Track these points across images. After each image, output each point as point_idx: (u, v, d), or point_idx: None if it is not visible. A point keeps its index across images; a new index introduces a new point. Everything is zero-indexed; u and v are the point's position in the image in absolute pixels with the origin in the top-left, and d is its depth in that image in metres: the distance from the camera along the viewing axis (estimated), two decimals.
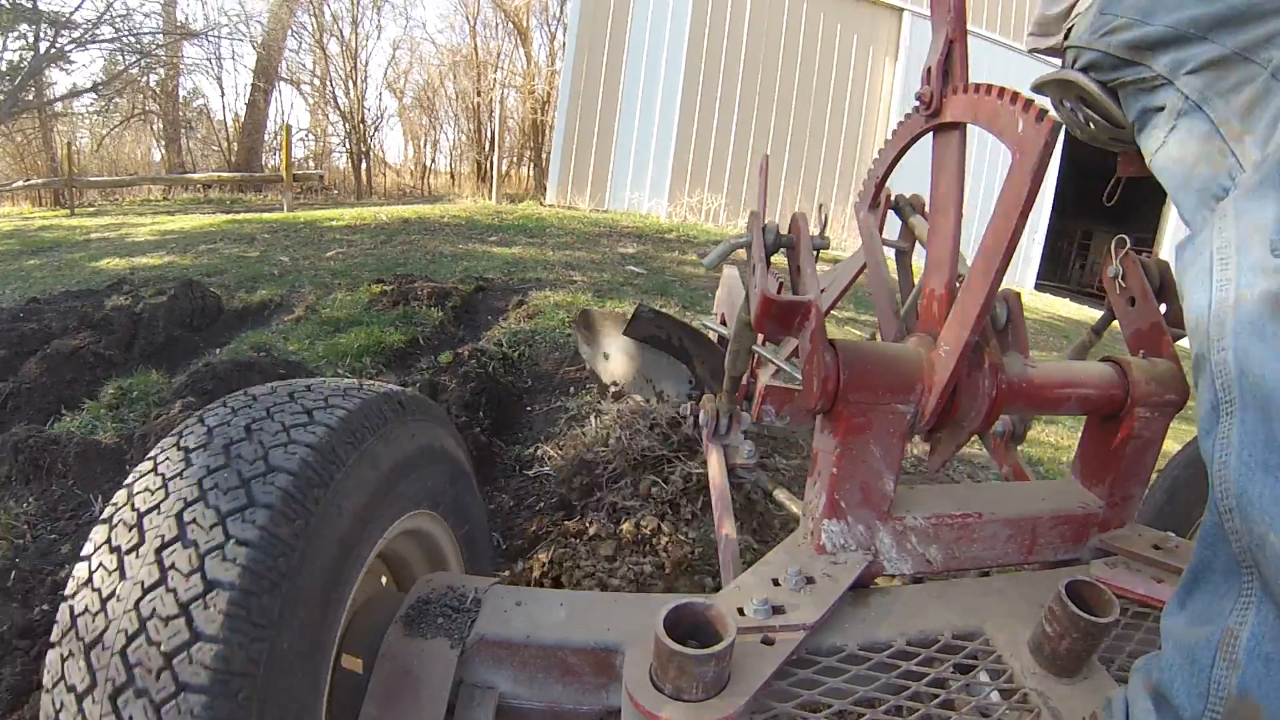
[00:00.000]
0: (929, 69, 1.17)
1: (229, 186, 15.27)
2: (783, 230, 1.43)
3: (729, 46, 12.40)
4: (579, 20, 12.00)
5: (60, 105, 17.22)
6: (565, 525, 2.25)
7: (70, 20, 15.09)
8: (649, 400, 2.89)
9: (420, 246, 7.19)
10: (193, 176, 15.73)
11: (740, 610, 0.98)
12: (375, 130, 21.90)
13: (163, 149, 19.61)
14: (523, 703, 0.98)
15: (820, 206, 2.03)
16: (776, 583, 1.05)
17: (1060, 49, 1.25)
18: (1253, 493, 0.73)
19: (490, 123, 21.02)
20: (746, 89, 12.59)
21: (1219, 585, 0.80)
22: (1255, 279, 0.77)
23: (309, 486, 0.82)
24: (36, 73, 15.19)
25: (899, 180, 1.61)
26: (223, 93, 36.00)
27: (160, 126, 19.42)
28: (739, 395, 2.02)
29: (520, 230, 8.33)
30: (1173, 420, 1.26)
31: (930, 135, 1.23)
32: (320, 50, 20.32)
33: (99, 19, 15.52)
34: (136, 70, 17.49)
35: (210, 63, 21.27)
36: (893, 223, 1.86)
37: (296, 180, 13.26)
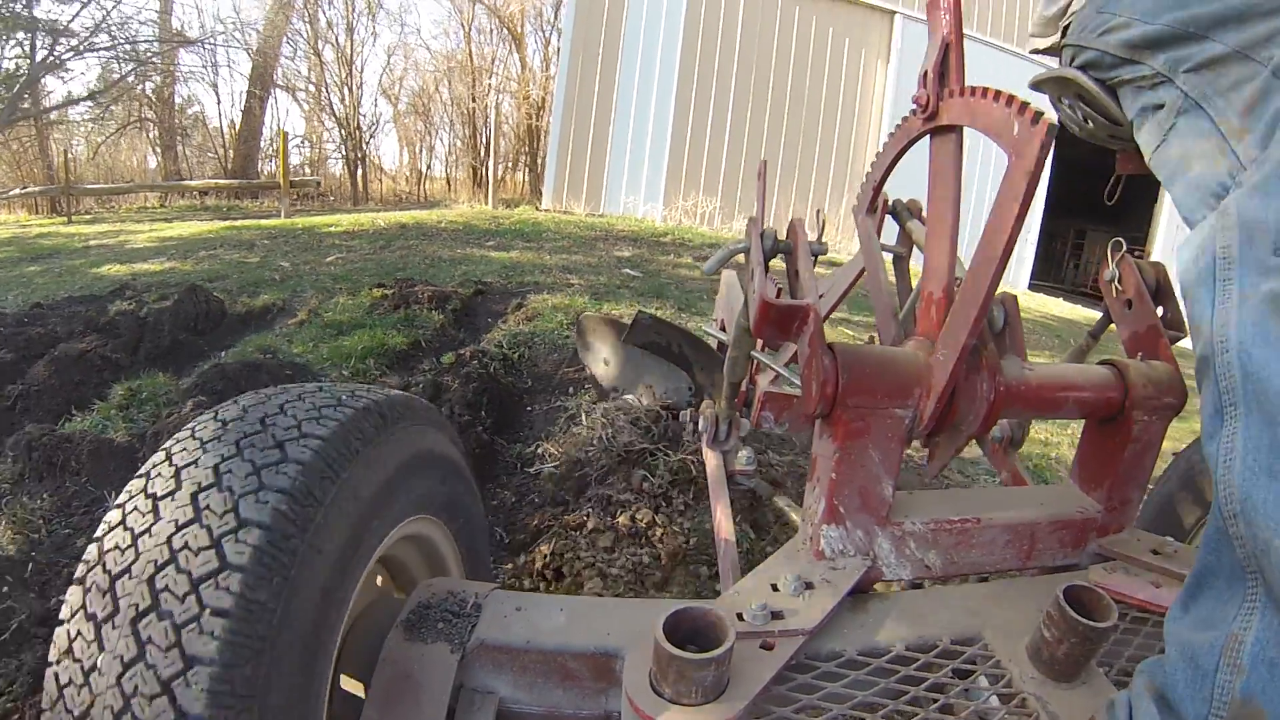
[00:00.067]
0: (925, 72, 1.17)
1: (225, 194, 15.26)
2: (780, 236, 1.43)
3: (722, 50, 12.45)
4: (573, 25, 12.05)
5: (56, 113, 17.21)
6: (565, 519, 2.30)
7: (68, 29, 15.13)
8: (641, 401, 2.92)
9: (419, 251, 7.20)
10: (190, 184, 15.73)
11: (739, 615, 0.97)
12: (371, 137, 21.95)
13: (159, 156, 19.65)
14: (523, 707, 0.98)
15: (818, 212, 2.03)
16: (775, 588, 1.05)
17: (1059, 48, 1.25)
18: (1257, 498, 0.72)
19: (485, 128, 21.08)
20: (740, 93, 12.64)
21: (1223, 590, 0.80)
22: (1259, 279, 0.77)
23: (310, 491, 0.82)
24: (35, 81, 15.21)
25: (897, 183, 1.62)
26: (219, 100, 36.02)
27: (156, 134, 19.45)
28: (738, 401, 2.02)
29: (517, 235, 8.36)
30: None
31: (927, 138, 1.23)
32: (316, 57, 20.39)
33: (97, 27, 15.56)
34: (133, 78, 17.51)
35: (206, 70, 21.36)
36: (890, 227, 1.86)
37: (293, 187, 13.25)
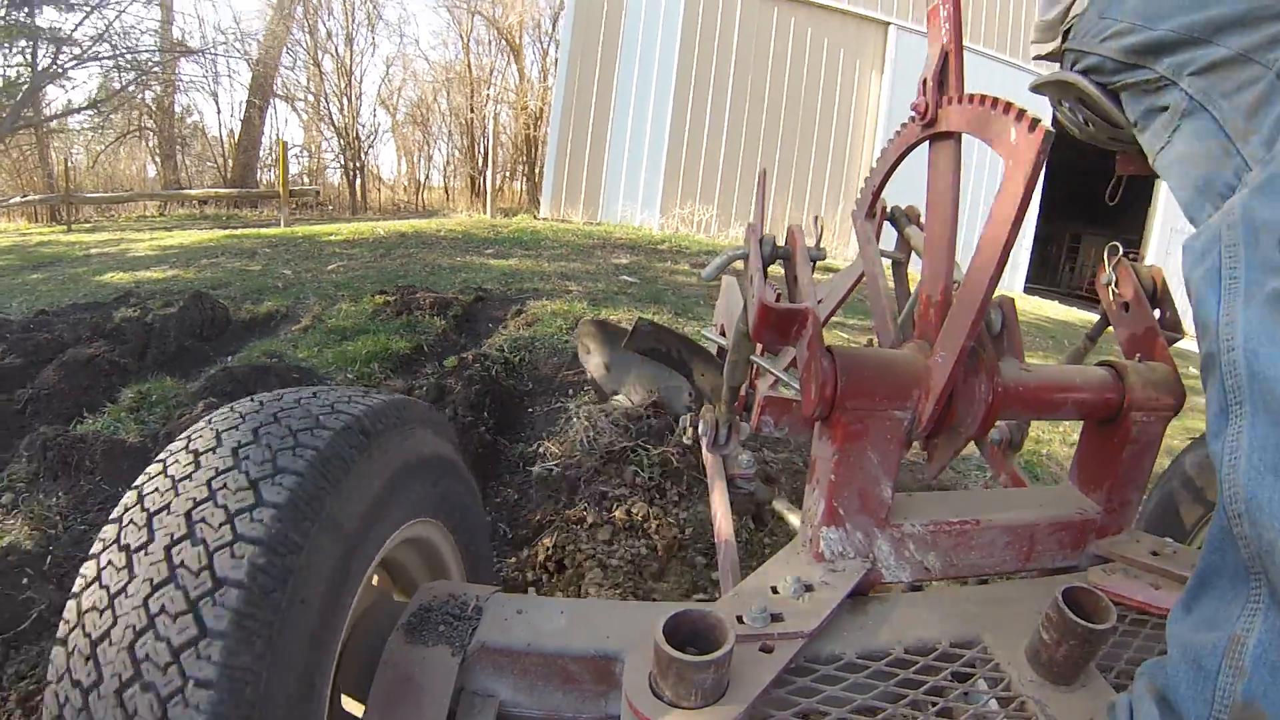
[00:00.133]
0: (925, 80, 1.18)
1: (225, 202, 15.30)
2: (779, 242, 1.44)
3: (718, 61, 12.54)
4: (571, 36, 12.16)
5: (56, 122, 17.27)
6: (566, 514, 2.37)
7: (70, 38, 15.18)
8: (632, 399, 3.00)
9: (419, 259, 7.25)
10: (190, 193, 15.78)
11: (739, 618, 0.98)
12: (370, 146, 22.01)
13: (158, 165, 19.68)
14: (523, 710, 0.98)
15: (816, 218, 2.04)
16: (775, 590, 1.05)
17: (1060, 53, 1.25)
18: (1262, 498, 0.72)
19: (484, 138, 21.14)
20: (736, 102, 12.72)
21: (1226, 591, 0.80)
22: (1265, 277, 0.76)
23: (308, 501, 0.82)
24: (37, 90, 15.25)
25: (896, 189, 1.62)
26: (218, 109, 36.26)
27: (155, 143, 19.49)
28: (737, 406, 2.02)
29: (516, 243, 8.41)
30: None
31: (926, 145, 1.24)
32: (315, 67, 20.45)
33: (99, 37, 15.61)
34: (134, 87, 17.56)
35: (207, 80, 21.44)
36: (889, 233, 1.86)
37: (293, 196, 13.29)
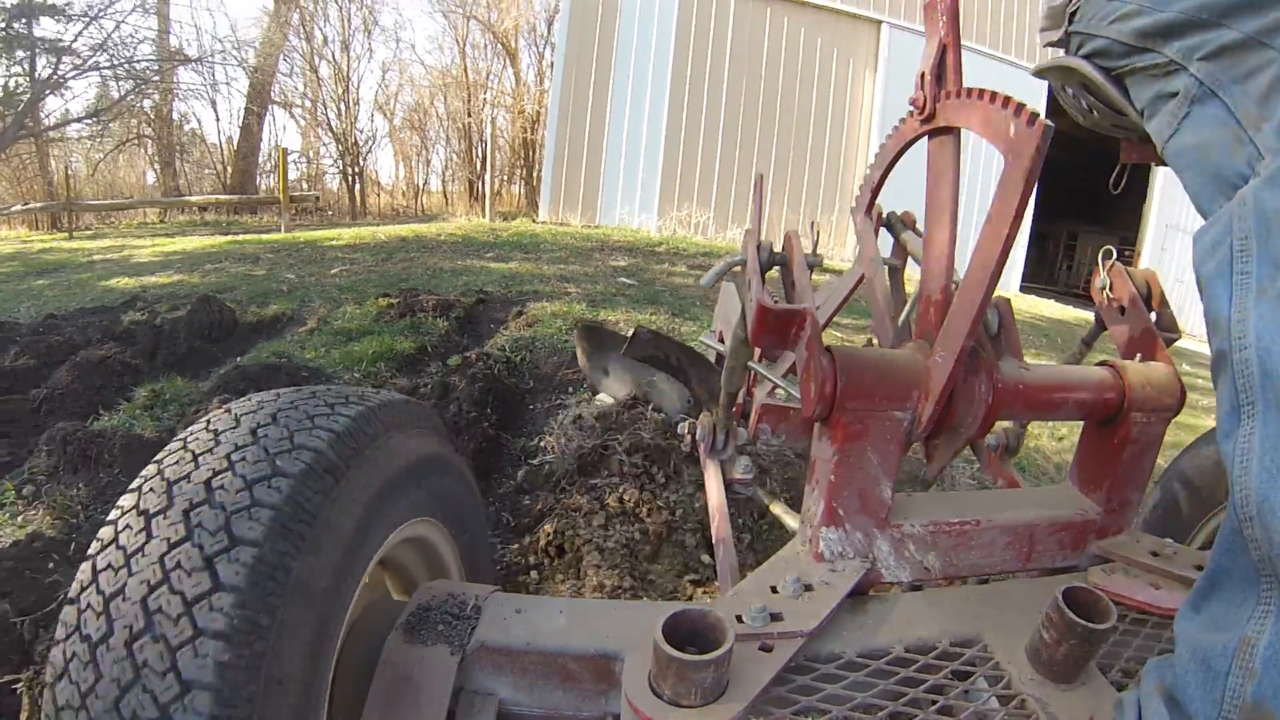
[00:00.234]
0: (923, 74, 1.18)
1: (224, 209, 15.31)
2: (776, 248, 1.44)
3: (713, 62, 12.57)
4: (567, 40, 12.19)
5: (56, 131, 17.30)
6: (565, 502, 2.45)
7: (70, 48, 15.21)
8: (618, 396, 3.08)
9: (420, 263, 7.29)
10: (191, 199, 15.78)
11: (739, 617, 0.97)
12: (368, 152, 22.05)
13: (158, 173, 19.72)
14: (523, 709, 0.98)
15: (813, 224, 2.04)
16: (775, 590, 1.05)
17: (1069, 35, 1.22)
18: (1274, 501, 0.71)
19: (481, 143, 21.17)
20: (731, 104, 12.75)
21: (1236, 593, 0.79)
22: (1278, 272, 0.75)
23: (303, 505, 0.82)
24: (38, 100, 15.28)
25: (895, 188, 1.62)
26: (217, 117, 36.16)
27: (155, 151, 19.52)
28: (735, 412, 2.02)
29: (515, 246, 8.44)
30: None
31: (925, 140, 1.24)
32: (313, 74, 20.48)
33: (100, 46, 15.66)
34: (133, 96, 17.61)
35: (205, 88, 21.49)
36: (884, 240, 1.86)
37: (293, 201, 13.30)
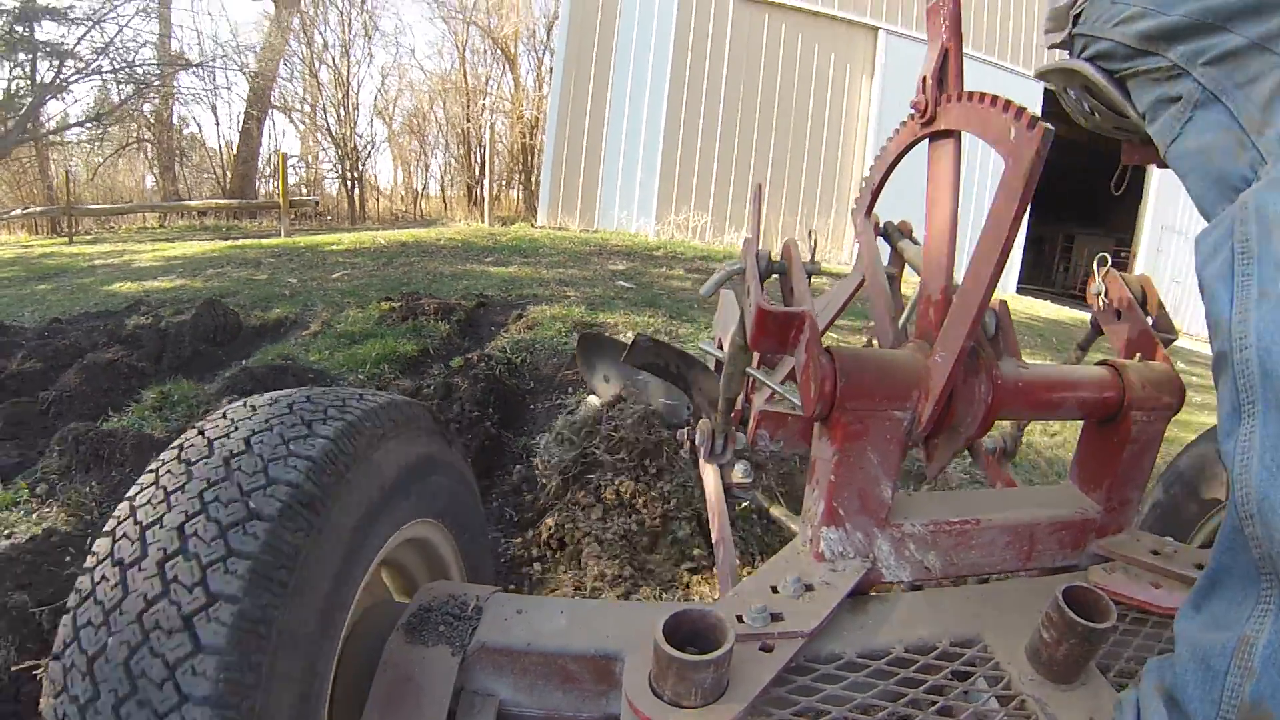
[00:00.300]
0: (924, 78, 1.18)
1: (224, 213, 15.33)
2: (775, 256, 1.45)
3: (711, 67, 12.62)
4: (566, 45, 12.24)
5: (57, 135, 17.33)
6: (564, 497, 2.52)
7: (73, 52, 15.25)
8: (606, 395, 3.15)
9: (420, 267, 7.34)
10: (191, 204, 15.81)
11: (739, 617, 0.97)
12: (368, 156, 22.07)
13: (157, 177, 19.74)
14: (523, 710, 0.98)
15: (810, 232, 2.05)
16: (775, 590, 1.05)
17: (1073, 38, 1.22)
18: (1275, 499, 0.71)
19: (480, 148, 21.20)
20: (729, 109, 12.79)
21: (1236, 592, 0.79)
22: (1279, 275, 0.75)
23: (308, 503, 0.82)
24: (41, 104, 15.31)
25: (895, 190, 1.62)
26: (217, 121, 36.30)
27: (154, 155, 19.54)
28: (734, 418, 2.03)
29: (514, 251, 8.48)
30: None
31: (926, 143, 1.24)
32: (313, 79, 20.51)
33: (103, 50, 15.69)
34: (134, 100, 17.64)
35: (206, 93, 21.55)
36: (882, 249, 1.86)
37: (293, 206, 13.33)
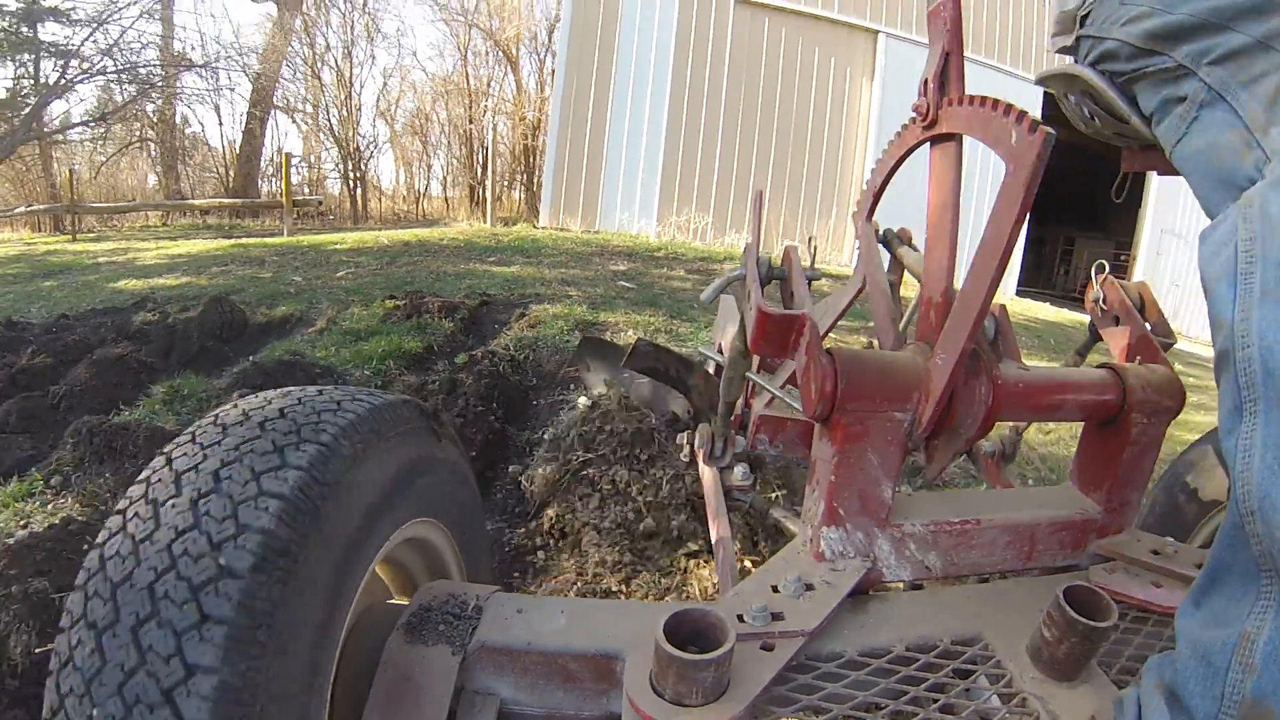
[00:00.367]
0: (925, 81, 1.18)
1: (227, 212, 15.35)
2: (775, 262, 1.45)
3: (712, 70, 12.64)
4: (568, 48, 12.26)
5: (62, 134, 17.37)
6: (563, 489, 2.62)
7: (77, 52, 15.28)
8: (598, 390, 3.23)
9: (424, 267, 7.36)
10: (194, 202, 15.83)
11: (740, 617, 0.98)
12: (370, 157, 22.09)
13: (159, 176, 19.77)
14: (524, 709, 0.98)
15: (810, 239, 2.06)
16: (776, 589, 1.05)
17: (1078, 42, 1.22)
18: (1275, 496, 0.71)
19: (482, 149, 21.19)
20: (730, 111, 12.81)
21: (1237, 588, 0.79)
22: None
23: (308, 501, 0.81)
24: (46, 104, 15.34)
25: (896, 193, 1.63)
26: (220, 121, 36.33)
27: (157, 154, 19.57)
28: (734, 421, 2.04)
29: (516, 251, 8.51)
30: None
31: (927, 147, 1.24)
32: (315, 79, 20.52)
33: (107, 50, 15.72)
34: (137, 101, 17.67)
35: (209, 93, 21.57)
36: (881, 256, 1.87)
37: (296, 206, 13.35)
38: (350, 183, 20.60)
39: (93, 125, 17.47)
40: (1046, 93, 1.33)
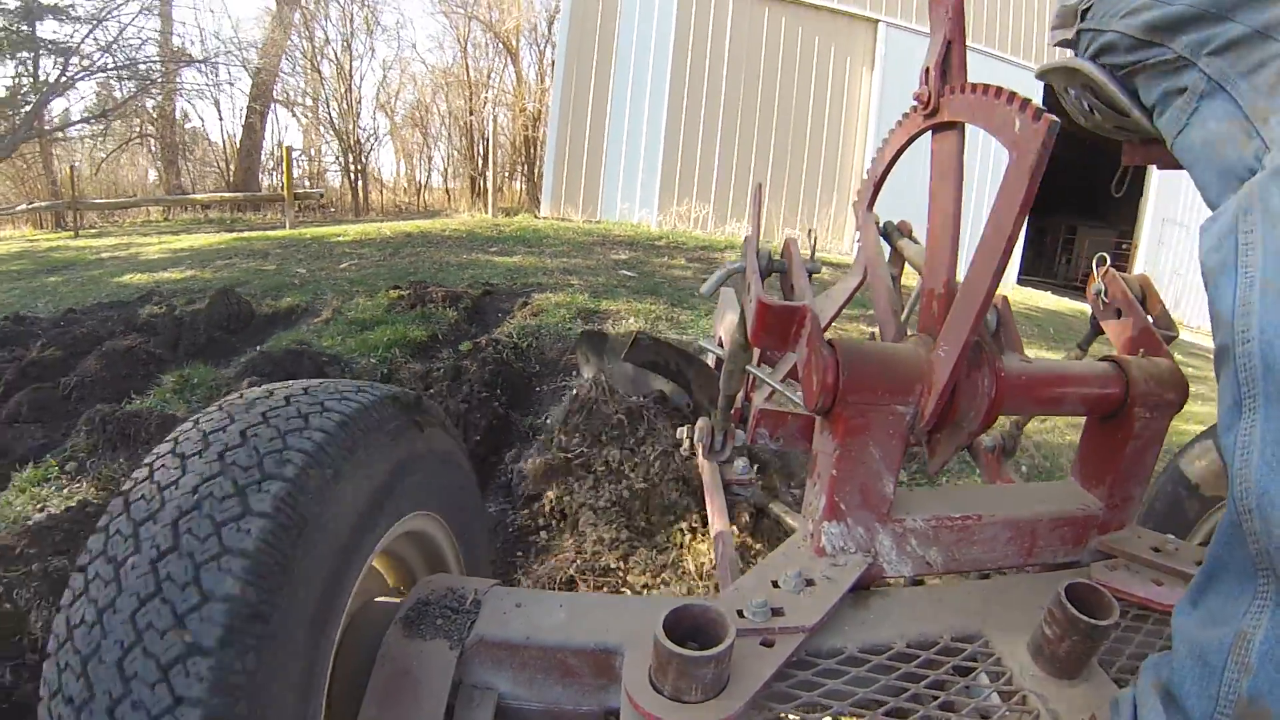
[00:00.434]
0: (927, 69, 1.17)
1: (228, 206, 15.34)
2: (775, 254, 1.44)
3: (711, 60, 12.61)
4: (568, 38, 12.24)
5: (62, 132, 17.37)
6: (559, 469, 2.68)
7: (78, 49, 15.26)
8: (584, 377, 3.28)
9: (426, 258, 7.39)
10: (196, 197, 15.81)
11: (740, 612, 0.97)
12: (371, 149, 22.06)
13: (160, 171, 19.76)
14: (522, 704, 0.97)
15: (810, 231, 2.04)
16: (776, 585, 1.05)
17: (1079, 35, 1.21)
18: (1275, 493, 0.71)
19: (483, 140, 21.16)
20: (729, 101, 12.79)
21: (1233, 587, 0.78)
22: None
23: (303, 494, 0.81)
24: (46, 102, 15.33)
25: (898, 183, 1.61)
26: (220, 115, 36.23)
27: (158, 149, 19.57)
28: (734, 415, 2.03)
29: (518, 241, 8.52)
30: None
31: (929, 137, 1.23)
32: (315, 73, 20.49)
33: (107, 47, 15.70)
34: (137, 97, 17.66)
35: (209, 88, 21.57)
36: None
37: (297, 199, 13.34)
38: (351, 175, 20.61)
39: (93, 122, 17.47)
40: (1047, 87, 1.32)
